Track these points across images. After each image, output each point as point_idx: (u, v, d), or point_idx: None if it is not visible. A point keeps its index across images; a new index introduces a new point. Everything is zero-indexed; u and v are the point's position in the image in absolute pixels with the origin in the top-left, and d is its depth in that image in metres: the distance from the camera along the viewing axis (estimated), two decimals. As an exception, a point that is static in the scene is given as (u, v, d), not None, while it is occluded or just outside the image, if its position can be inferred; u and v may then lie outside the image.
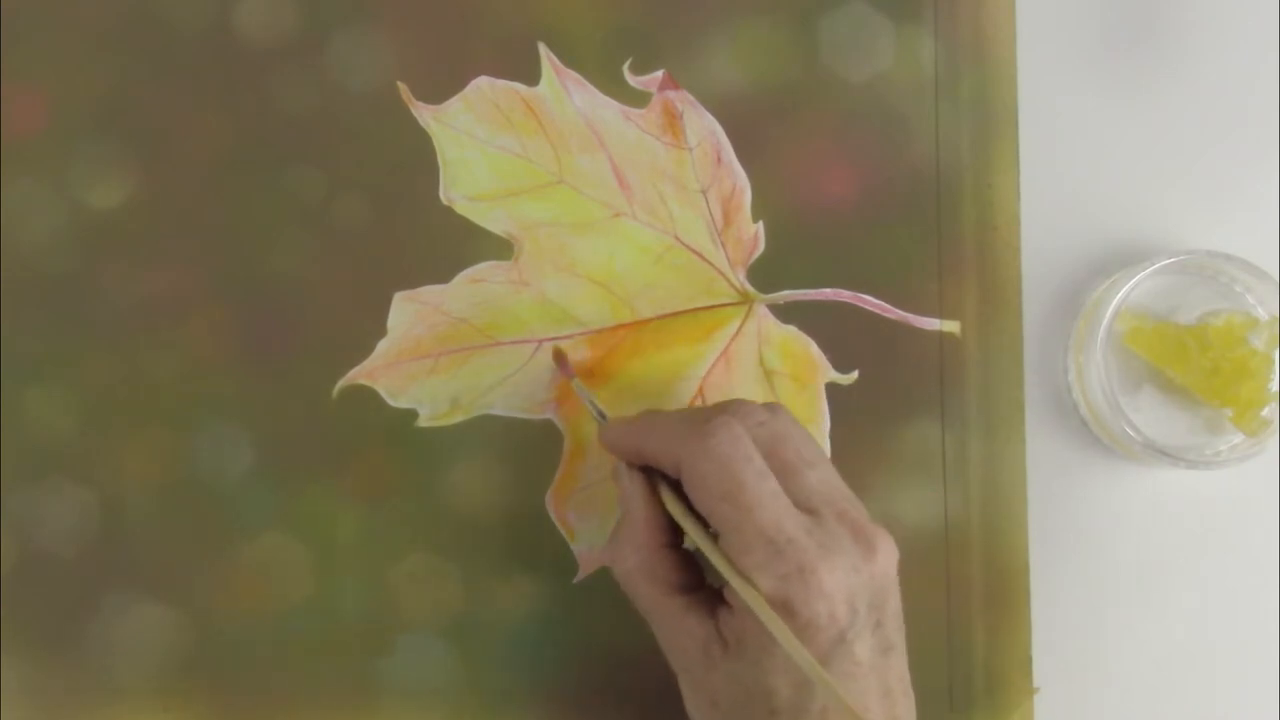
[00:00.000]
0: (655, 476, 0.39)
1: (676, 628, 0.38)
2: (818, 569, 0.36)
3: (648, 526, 0.39)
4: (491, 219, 0.44)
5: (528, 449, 0.44)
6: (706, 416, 0.38)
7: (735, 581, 0.36)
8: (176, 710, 0.43)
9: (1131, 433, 0.43)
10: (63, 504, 0.44)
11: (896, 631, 0.38)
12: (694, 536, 0.38)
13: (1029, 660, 0.44)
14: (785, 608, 0.35)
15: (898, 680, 0.37)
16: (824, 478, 0.38)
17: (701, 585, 0.39)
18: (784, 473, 0.37)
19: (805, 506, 0.37)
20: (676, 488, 0.39)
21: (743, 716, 0.37)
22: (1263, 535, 0.45)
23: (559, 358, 0.44)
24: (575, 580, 0.44)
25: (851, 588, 0.36)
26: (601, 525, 0.44)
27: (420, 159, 0.44)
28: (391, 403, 0.44)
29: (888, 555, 0.37)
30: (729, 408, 0.38)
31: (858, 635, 0.36)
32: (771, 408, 0.39)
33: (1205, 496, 0.45)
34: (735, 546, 0.36)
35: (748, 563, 0.36)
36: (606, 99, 0.44)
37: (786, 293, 0.44)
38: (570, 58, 0.45)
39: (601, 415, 0.42)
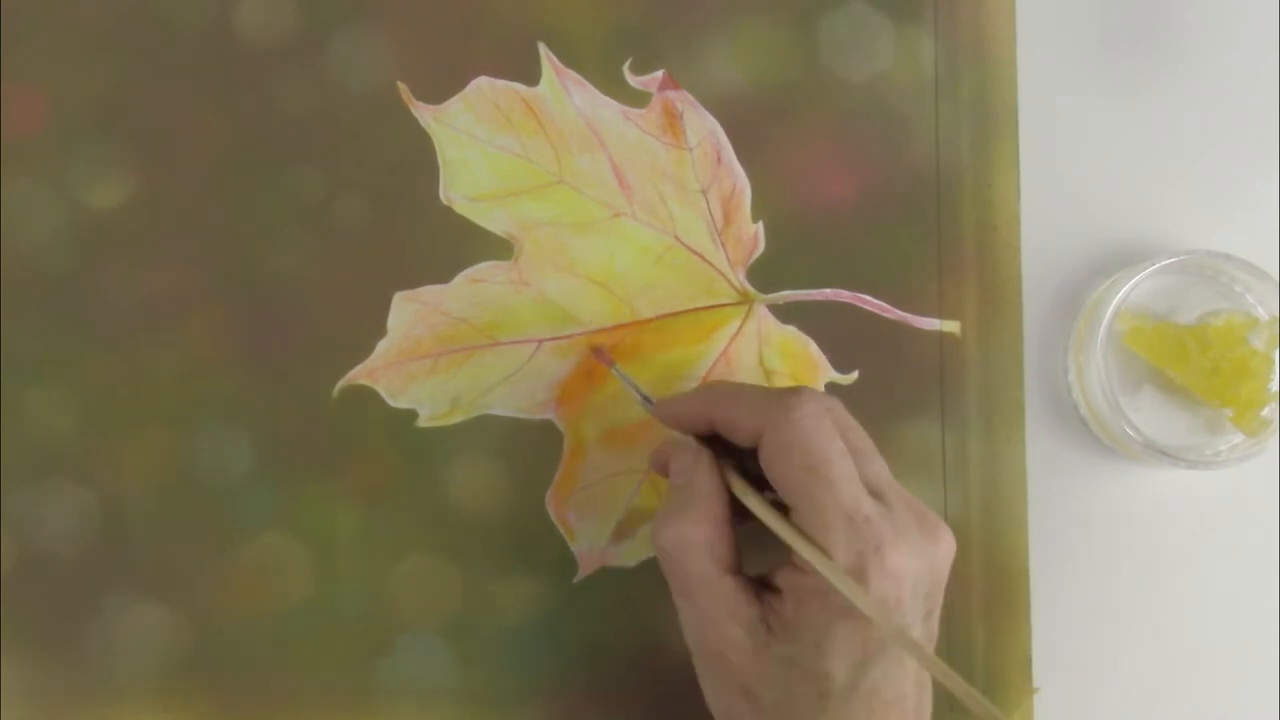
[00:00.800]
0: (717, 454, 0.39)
1: (723, 609, 0.37)
2: (891, 550, 0.36)
3: (711, 500, 0.38)
4: (491, 219, 0.44)
5: (528, 449, 0.44)
6: (791, 390, 0.38)
7: (809, 553, 0.35)
8: (176, 710, 0.43)
9: (1131, 433, 0.43)
10: (63, 504, 0.44)
11: (936, 627, 0.38)
12: (758, 510, 0.37)
13: (1029, 660, 0.44)
14: (858, 584, 0.35)
15: (927, 676, 0.38)
16: (884, 469, 0.38)
17: (741, 571, 0.39)
18: (855, 456, 0.37)
19: (874, 491, 0.37)
20: (736, 466, 0.38)
21: (785, 702, 0.36)
22: (1263, 535, 0.45)
23: (596, 350, 0.44)
24: (575, 580, 0.44)
25: (916, 574, 0.36)
26: (601, 525, 0.44)
27: (420, 159, 0.44)
28: (391, 403, 0.44)
29: (948, 546, 0.37)
30: (801, 390, 0.38)
31: (910, 625, 0.36)
32: (832, 398, 0.39)
33: (1205, 496, 0.45)
34: (812, 520, 0.36)
35: (825, 538, 0.36)
36: (606, 99, 0.44)
37: (786, 293, 0.44)
38: (570, 58, 0.45)
39: (646, 399, 0.42)
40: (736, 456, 0.39)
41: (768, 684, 0.37)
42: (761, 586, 0.38)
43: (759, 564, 0.38)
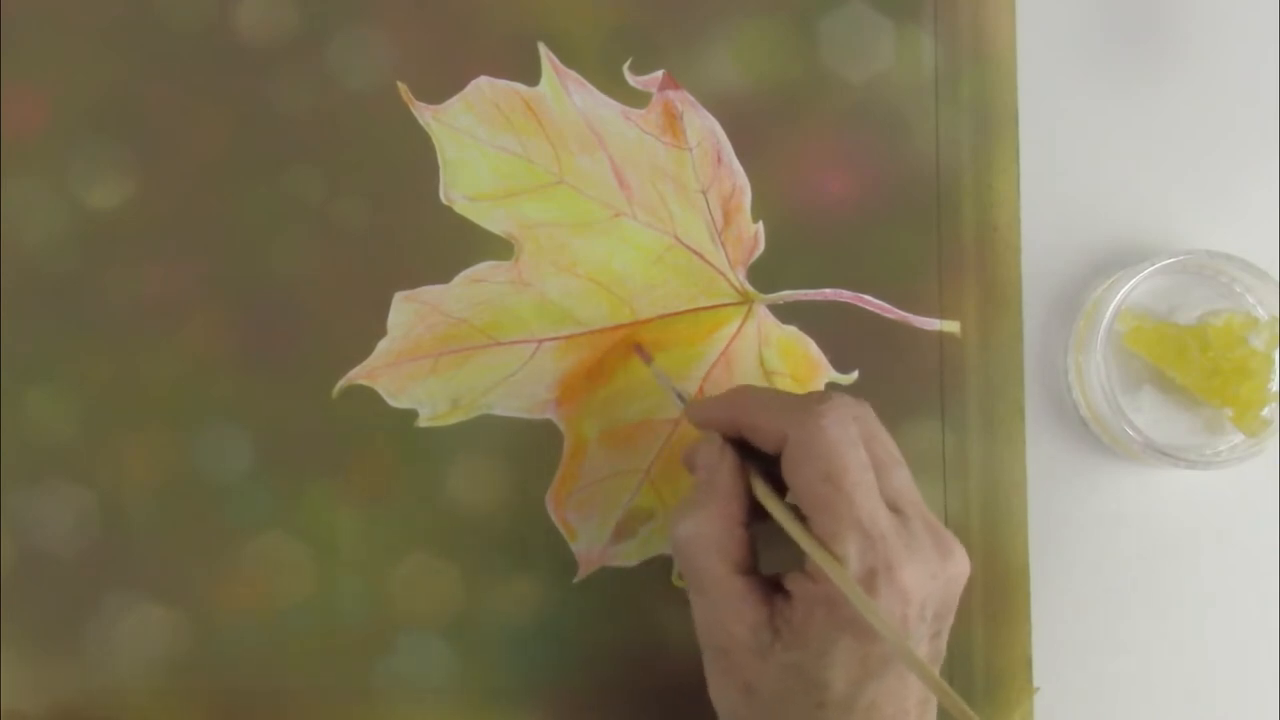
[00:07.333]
0: (745, 455, 0.39)
1: (730, 608, 0.37)
2: (903, 568, 0.35)
3: (729, 499, 0.38)
4: (491, 219, 0.44)
5: (528, 449, 0.44)
6: (817, 398, 0.37)
7: (823, 560, 0.35)
8: (176, 710, 0.43)
9: (1131, 433, 0.43)
10: (63, 504, 0.44)
11: (944, 646, 0.38)
12: (778, 515, 0.37)
13: (1029, 660, 0.44)
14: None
15: (932, 697, 0.38)
16: (907, 480, 0.38)
17: (755, 570, 0.38)
18: (876, 468, 0.37)
19: (892, 505, 0.37)
20: (762, 469, 0.38)
21: (784, 705, 0.36)
22: (1263, 535, 0.45)
23: (637, 346, 0.44)
24: (575, 580, 0.44)
25: (926, 594, 0.36)
26: (601, 525, 0.44)
27: (420, 159, 0.44)
28: (391, 403, 0.44)
29: (962, 567, 0.37)
30: (830, 396, 0.38)
31: (916, 644, 0.36)
32: (862, 403, 0.38)
33: (1205, 496, 0.45)
34: (826, 530, 0.36)
35: (837, 549, 0.36)
36: (606, 99, 0.44)
37: (786, 293, 0.44)
38: (570, 58, 0.45)
39: (681, 399, 0.42)
40: (765, 461, 0.39)
41: (769, 685, 0.37)
42: (774, 588, 0.37)
43: (775, 564, 0.38)
